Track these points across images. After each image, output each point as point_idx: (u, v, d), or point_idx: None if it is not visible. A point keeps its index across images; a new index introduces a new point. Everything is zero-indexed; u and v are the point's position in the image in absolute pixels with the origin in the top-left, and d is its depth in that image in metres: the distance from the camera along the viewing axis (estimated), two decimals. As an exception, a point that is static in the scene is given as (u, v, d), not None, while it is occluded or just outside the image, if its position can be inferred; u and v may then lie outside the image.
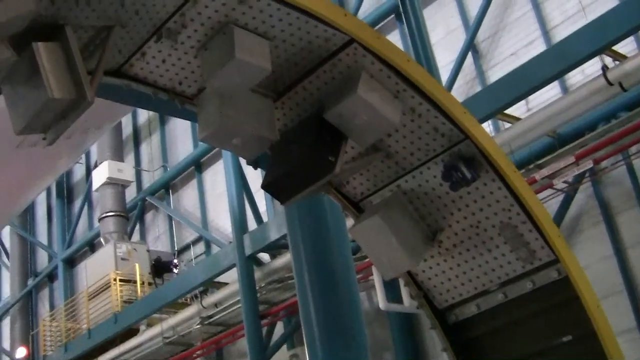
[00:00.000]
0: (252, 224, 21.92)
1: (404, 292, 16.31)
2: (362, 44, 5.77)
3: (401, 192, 6.56)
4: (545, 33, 18.32)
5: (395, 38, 20.87)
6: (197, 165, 28.63)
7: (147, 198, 30.45)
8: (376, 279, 17.46)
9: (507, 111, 16.21)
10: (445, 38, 20.62)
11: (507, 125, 16.89)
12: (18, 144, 12.00)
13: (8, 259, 37.81)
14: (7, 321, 37.41)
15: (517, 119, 16.55)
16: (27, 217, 37.37)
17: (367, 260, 17.41)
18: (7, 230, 38.40)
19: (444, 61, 19.62)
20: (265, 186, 6.40)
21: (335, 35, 5.77)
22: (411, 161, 6.39)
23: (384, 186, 6.65)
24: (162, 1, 5.44)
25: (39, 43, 5.11)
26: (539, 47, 17.72)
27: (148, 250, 27.93)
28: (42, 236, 36.73)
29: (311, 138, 6.08)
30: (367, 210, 6.69)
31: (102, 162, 30.04)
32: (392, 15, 21.65)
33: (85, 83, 5.18)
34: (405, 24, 16.80)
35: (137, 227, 30.80)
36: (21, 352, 33.81)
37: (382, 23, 21.96)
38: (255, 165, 7.12)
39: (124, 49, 5.85)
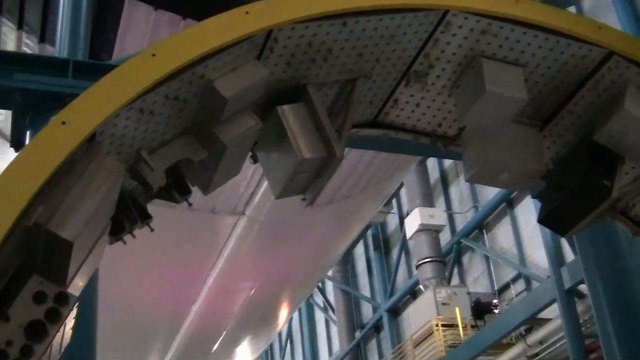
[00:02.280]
0: (569, 255, 21.08)
1: None
2: (623, 55, 5.27)
3: None
4: None
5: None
6: (508, 202, 28.11)
7: (461, 240, 30.32)
8: None
9: None
10: None
11: None
12: (307, 205, 12.25)
13: (334, 314, 39.00)
14: (339, 374, 38.64)
15: None
16: (348, 272, 38.50)
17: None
18: (330, 287, 39.78)
19: None
20: (542, 220, 6.02)
21: (592, 50, 5.32)
22: None
23: None
24: (401, 45, 5.28)
25: (284, 106, 5.10)
26: None
27: (468, 293, 27.68)
28: (364, 289, 37.63)
29: (583, 164, 5.63)
30: (662, 234, 6.09)
31: (412, 210, 30.31)
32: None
33: (333, 139, 5.10)
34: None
35: (455, 270, 30.70)
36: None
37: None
38: (540, 197, 6.71)
39: (375, 99, 5.72)
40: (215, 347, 16.39)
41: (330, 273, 38.46)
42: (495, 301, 26.54)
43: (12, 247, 3.99)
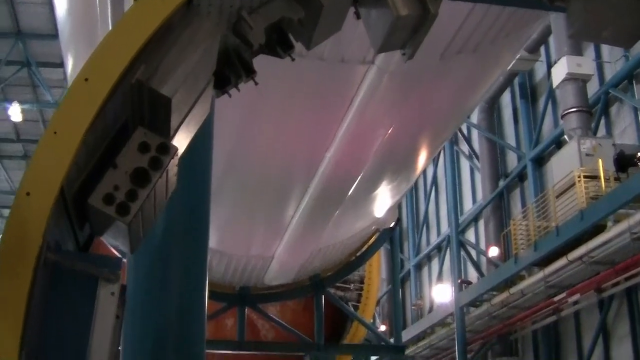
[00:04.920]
0: None
1: None
2: None
3: None
4: None
5: None
6: (660, 51, 27.15)
7: (610, 90, 29.54)
8: None
9: None
10: None
11: None
12: (440, 55, 12.31)
13: (479, 162, 38.96)
14: (481, 222, 39.04)
15: None
16: (493, 120, 38.17)
17: None
18: (476, 135, 39.62)
19: None
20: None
21: None
22: None
23: None
24: None
25: None
26: None
27: (614, 145, 27.12)
28: (509, 138, 37.28)
29: None
30: None
31: (560, 59, 29.64)
32: None
33: None
34: None
35: (602, 122, 30.06)
36: (493, 251, 35.02)
37: None
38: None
39: None
40: (350, 191, 16.86)
41: (475, 121, 38.29)
42: (639, 154, 25.92)
43: (120, 101, 4.42)
